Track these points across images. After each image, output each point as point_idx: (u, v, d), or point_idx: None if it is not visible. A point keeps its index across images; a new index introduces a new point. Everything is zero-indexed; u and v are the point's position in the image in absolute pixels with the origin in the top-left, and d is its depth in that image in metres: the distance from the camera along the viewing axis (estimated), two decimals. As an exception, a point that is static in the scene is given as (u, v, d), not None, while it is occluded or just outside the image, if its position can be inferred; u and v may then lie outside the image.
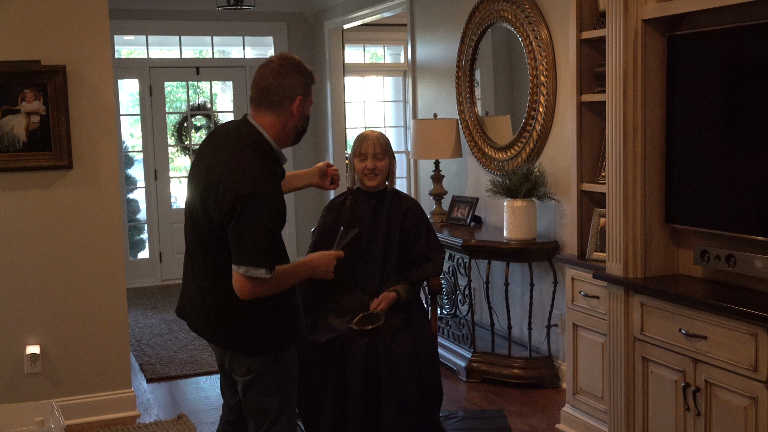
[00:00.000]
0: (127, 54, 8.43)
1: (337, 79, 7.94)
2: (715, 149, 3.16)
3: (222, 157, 2.58)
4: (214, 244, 2.59)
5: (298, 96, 2.61)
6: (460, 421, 4.20)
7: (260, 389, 2.69)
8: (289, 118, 2.63)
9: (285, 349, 2.70)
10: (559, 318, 4.68)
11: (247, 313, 2.62)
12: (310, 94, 2.67)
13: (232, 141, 2.61)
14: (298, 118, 2.65)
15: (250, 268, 2.47)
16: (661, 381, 3.25)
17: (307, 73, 2.64)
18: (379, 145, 3.50)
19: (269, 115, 2.62)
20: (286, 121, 2.63)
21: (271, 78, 2.60)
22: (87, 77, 4.24)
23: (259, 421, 2.72)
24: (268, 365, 2.67)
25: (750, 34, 2.96)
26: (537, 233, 4.67)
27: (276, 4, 8.09)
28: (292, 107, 2.61)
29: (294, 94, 2.61)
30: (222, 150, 2.61)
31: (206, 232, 2.60)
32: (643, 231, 3.38)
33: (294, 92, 2.61)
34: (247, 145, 2.57)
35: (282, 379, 2.70)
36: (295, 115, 2.63)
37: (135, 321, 6.45)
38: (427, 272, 3.54)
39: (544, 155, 4.78)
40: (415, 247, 3.54)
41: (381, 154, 3.50)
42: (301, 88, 2.62)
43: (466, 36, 5.46)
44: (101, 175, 4.32)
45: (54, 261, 4.27)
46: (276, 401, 2.69)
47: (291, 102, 2.61)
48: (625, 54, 3.32)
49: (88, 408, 4.35)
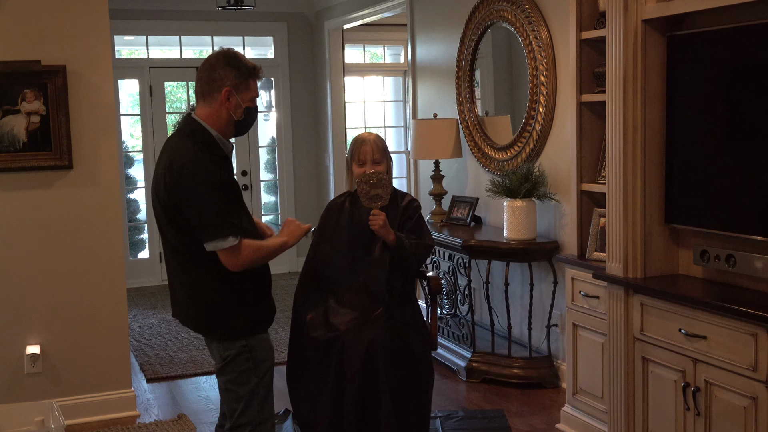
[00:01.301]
0: (127, 54, 8.43)
1: (337, 79, 7.94)
2: (715, 149, 3.16)
3: (167, 149, 2.83)
4: (172, 232, 2.77)
5: (225, 87, 2.75)
6: (460, 421, 4.20)
7: (231, 376, 2.82)
8: (220, 109, 2.77)
9: (254, 335, 2.83)
10: (559, 318, 4.68)
11: (216, 297, 2.79)
12: (245, 88, 2.79)
13: (175, 134, 2.84)
14: (233, 109, 2.77)
15: (217, 241, 2.65)
16: (661, 381, 3.25)
17: (241, 66, 2.78)
18: (377, 150, 3.49)
19: (204, 106, 2.79)
20: (219, 111, 2.77)
21: (203, 71, 2.80)
22: (87, 77, 4.24)
23: (231, 409, 2.84)
24: (238, 352, 2.80)
25: (750, 34, 2.96)
26: (537, 233, 4.67)
27: (276, 4, 8.09)
28: (221, 98, 2.75)
29: (222, 86, 2.75)
30: (169, 142, 2.86)
31: (164, 222, 2.80)
32: (643, 231, 3.38)
33: (222, 84, 2.75)
34: (185, 134, 2.78)
35: (252, 367, 2.82)
36: (225, 106, 2.76)
37: (135, 321, 6.45)
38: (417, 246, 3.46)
39: (544, 155, 4.78)
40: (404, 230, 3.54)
41: (379, 159, 3.49)
42: (231, 80, 2.75)
43: (466, 36, 5.46)
44: (101, 175, 4.32)
45: (54, 261, 4.27)
46: (246, 389, 2.81)
47: (219, 93, 2.75)
48: (625, 54, 3.32)
49: (88, 408, 4.35)
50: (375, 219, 3.32)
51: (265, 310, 2.92)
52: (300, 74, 8.33)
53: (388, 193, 3.36)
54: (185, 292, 2.85)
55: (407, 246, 3.40)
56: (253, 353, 2.82)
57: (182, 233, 2.74)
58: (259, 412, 2.83)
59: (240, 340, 2.80)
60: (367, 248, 3.47)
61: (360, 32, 8.48)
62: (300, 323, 3.43)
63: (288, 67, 8.25)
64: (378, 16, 7.01)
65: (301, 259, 6.81)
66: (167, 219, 2.77)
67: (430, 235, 3.58)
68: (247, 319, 2.82)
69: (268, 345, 2.92)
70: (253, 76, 2.81)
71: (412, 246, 3.42)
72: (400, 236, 3.39)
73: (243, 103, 2.79)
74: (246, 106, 2.81)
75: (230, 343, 2.80)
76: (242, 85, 2.78)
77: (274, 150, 8.49)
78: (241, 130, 2.87)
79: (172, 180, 2.70)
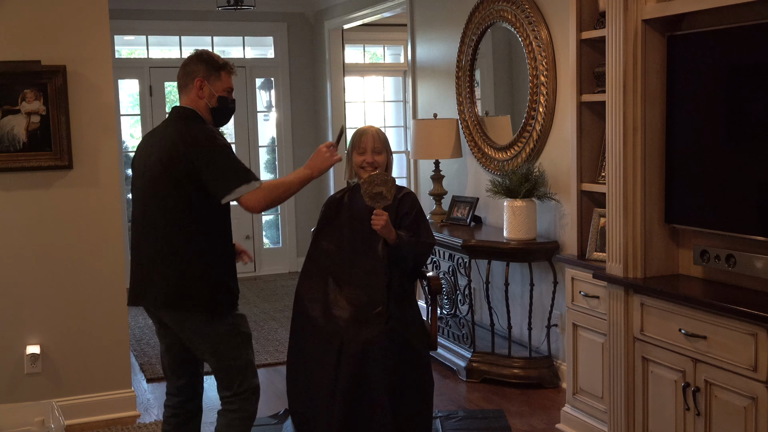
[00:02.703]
0: (127, 54, 8.43)
1: (337, 79, 7.95)
2: (715, 149, 3.16)
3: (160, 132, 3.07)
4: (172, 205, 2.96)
5: (197, 78, 3.05)
6: (459, 421, 4.20)
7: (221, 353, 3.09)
8: (197, 99, 3.06)
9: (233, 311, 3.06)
10: (559, 318, 4.68)
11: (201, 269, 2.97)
12: (216, 78, 3.06)
13: (168, 121, 3.10)
14: (207, 98, 3.06)
15: (243, 186, 2.92)
16: (661, 381, 3.25)
17: (211, 61, 3.07)
18: (378, 139, 3.52)
19: (184, 97, 3.10)
20: (196, 100, 3.06)
21: (180, 69, 3.12)
22: (87, 77, 4.24)
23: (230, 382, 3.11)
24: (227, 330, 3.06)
25: (750, 34, 2.96)
26: (537, 233, 4.67)
27: (276, 4, 8.09)
28: (195, 88, 3.05)
29: (194, 77, 3.06)
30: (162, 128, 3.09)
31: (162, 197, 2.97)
32: (643, 231, 3.39)
33: (194, 75, 3.06)
34: (182, 118, 3.05)
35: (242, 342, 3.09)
36: (199, 94, 3.05)
37: (135, 321, 6.45)
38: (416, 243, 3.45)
39: (544, 155, 4.78)
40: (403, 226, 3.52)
41: (380, 148, 3.52)
42: (202, 72, 3.06)
43: (466, 36, 5.46)
44: (101, 175, 4.32)
45: (54, 261, 4.27)
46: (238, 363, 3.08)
47: (192, 84, 3.06)
48: (625, 54, 3.32)
49: (88, 408, 4.35)
50: (377, 219, 3.31)
51: (236, 285, 3.11)
52: (300, 74, 8.33)
53: (392, 193, 3.36)
54: (169, 270, 2.97)
55: (407, 244, 3.39)
56: (239, 328, 3.08)
57: (184, 204, 2.94)
58: (254, 379, 3.12)
59: (226, 317, 3.03)
60: (368, 243, 3.47)
61: (360, 32, 8.48)
62: (302, 313, 3.43)
63: (288, 67, 8.26)
64: (378, 16, 7.02)
65: (301, 258, 6.81)
66: (171, 191, 2.94)
67: (431, 232, 3.56)
68: (227, 292, 3.03)
69: (245, 320, 3.15)
70: (223, 68, 3.08)
71: (411, 244, 3.41)
72: (401, 235, 3.39)
73: (216, 92, 3.06)
74: (219, 95, 3.07)
75: (215, 323, 3.01)
76: (213, 76, 3.06)
77: (274, 150, 8.49)
78: (219, 119, 3.12)
79: (189, 145, 2.92)
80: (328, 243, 3.53)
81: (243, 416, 3.10)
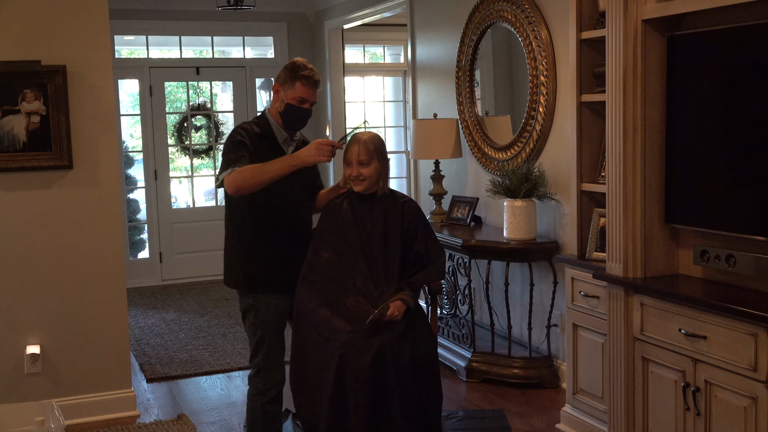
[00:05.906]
0: (127, 54, 8.44)
1: (337, 79, 7.95)
2: (714, 149, 3.16)
3: None
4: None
5: (276, 83, 3.38)
6: (459, 421, 4.20)
7: (245, 326, 3.50)
8: (274, 101, 3.39)
9: (257, 293, 3.37)
10: (559, 318, 4.68)
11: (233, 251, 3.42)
12: (290, 86, 3.32)
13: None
14: (279, 102, 3.35)
15: (223, 174, 3.23)
16: (661, 381, 3.25)
17: (294, 69, 3.34)
18: (365, 151, 3.40)
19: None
20: (273, 103, 3.40)
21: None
22: (87, 77, 4.24)
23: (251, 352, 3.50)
24: (247, 308, 3.42)
25: (750, 34, 2.96)
26: (537, 233, 4.67)
27: (276, 4, 8.09)
28: (273, 92, 3.40)
29: (276, 82, 3.39)
30: None
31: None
32: (643, 231, 3.39)
33: (277, 81, 3.39)
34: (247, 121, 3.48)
35: (257, 323, 3.40)
36: (275, 98, 3.38)
37: (135, 321, 6.46)
38: (431, 277, 3.50)
39: (544, 155, 4.79)
40: (413, 247, 3.51)
41: (367, 161, 3.41)
42: (282, 79, 3.36)
43: (466, 36, 5.46)
44: (101, 175, 4.32)
45: (54, 261, 4.27)
46: (254, 339, 3.43)
47: (274, 88, 3.40)
48: (625, 54, 3.32)
49: (88, 408, 4.35)
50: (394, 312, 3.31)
51: (267, 272, 3.38)
52: (300, 74, 8.31)
53: (381, 311, 3.31)
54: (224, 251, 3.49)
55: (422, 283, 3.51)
56: (258, 312, 3.39)
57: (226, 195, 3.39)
58: (263, 360, 3.41)
59: (246, 296, 3.40)
60: (373, 248, 3.45)
61: (360, 32, 8.48)
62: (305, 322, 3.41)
63: (288, 67, 8.24)
64: (378, 16, 7.02)
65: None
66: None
67: (439, 244, 3.54)
68: (247, 274, 3.37)
69: (274, 309, 3.42)
70: (299, 79, 3.31)
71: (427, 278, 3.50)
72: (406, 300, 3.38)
73: (287, 98, 3.33)
74: (288, 102, 3.32)
75: (242, 298, 3.44)
76: (287, 84, 3.33)
77: (274, 150, 8.48)
78: (288, 123, 3.38)
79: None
80: (329, 251, 3.48)
81: (251, 390, 3.47)
